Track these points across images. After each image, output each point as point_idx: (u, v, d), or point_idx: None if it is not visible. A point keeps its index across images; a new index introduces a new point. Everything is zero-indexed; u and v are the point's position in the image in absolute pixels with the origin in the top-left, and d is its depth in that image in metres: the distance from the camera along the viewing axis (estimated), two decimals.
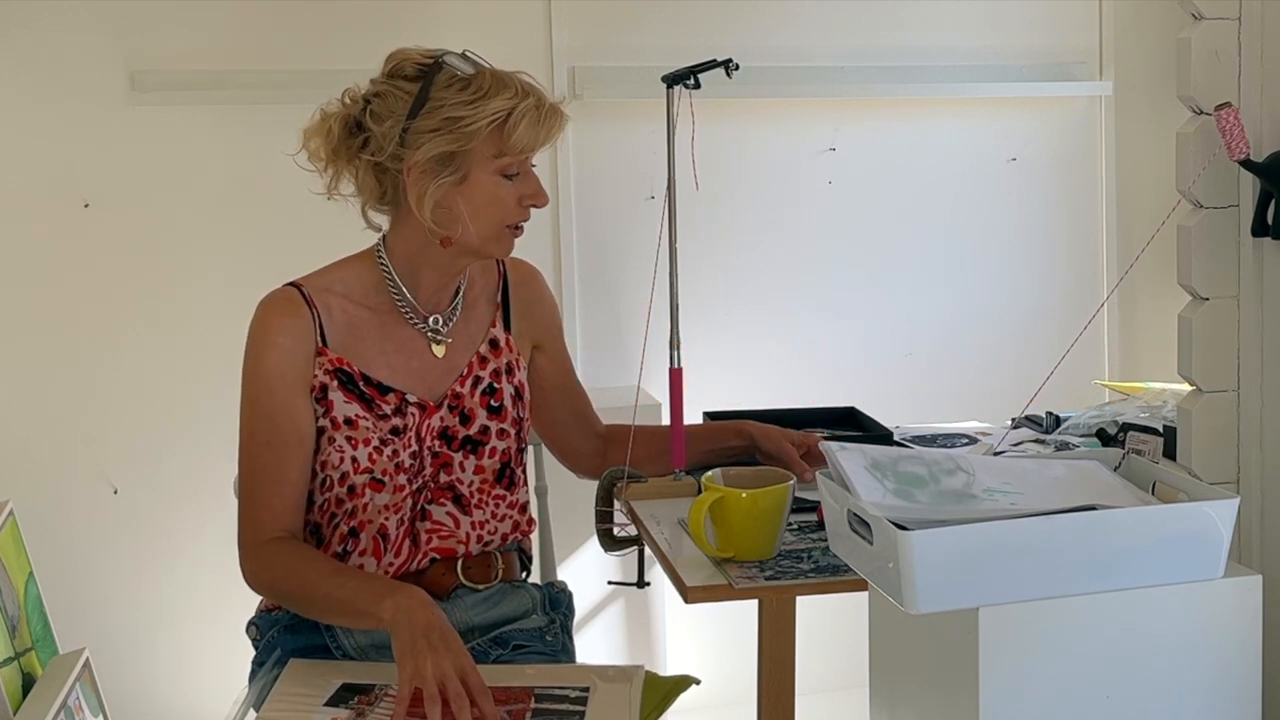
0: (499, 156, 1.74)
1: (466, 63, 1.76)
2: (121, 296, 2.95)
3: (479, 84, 1.74)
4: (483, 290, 1.92)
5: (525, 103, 1.74)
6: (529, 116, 1.73)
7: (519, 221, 1.80)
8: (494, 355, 1.89)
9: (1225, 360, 1.63)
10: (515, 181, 1.77)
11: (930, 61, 3.32)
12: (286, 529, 1.77)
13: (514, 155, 1.75)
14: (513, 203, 1.78)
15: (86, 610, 2.88)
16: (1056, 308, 3.41)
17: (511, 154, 1.74)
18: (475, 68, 1.76)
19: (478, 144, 1.73)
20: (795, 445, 1.95)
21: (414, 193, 1.75)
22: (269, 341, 1.77)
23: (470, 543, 1.85)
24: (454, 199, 1.76)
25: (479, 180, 1.75)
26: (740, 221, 3.26)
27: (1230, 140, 1.51)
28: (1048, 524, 1.29)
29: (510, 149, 1.73)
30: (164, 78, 2.91)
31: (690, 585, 1.61)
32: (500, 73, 1.77)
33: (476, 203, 1.76)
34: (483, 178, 1.75)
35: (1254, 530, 1.64)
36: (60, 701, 2.05)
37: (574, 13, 3.12)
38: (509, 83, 1.75)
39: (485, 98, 1.73)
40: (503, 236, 1.80)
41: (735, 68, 1.87)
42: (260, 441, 1.77)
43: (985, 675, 1.27)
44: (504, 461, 1.88)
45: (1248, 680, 1.33)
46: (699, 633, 3.17)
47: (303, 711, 1.62)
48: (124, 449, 2.97)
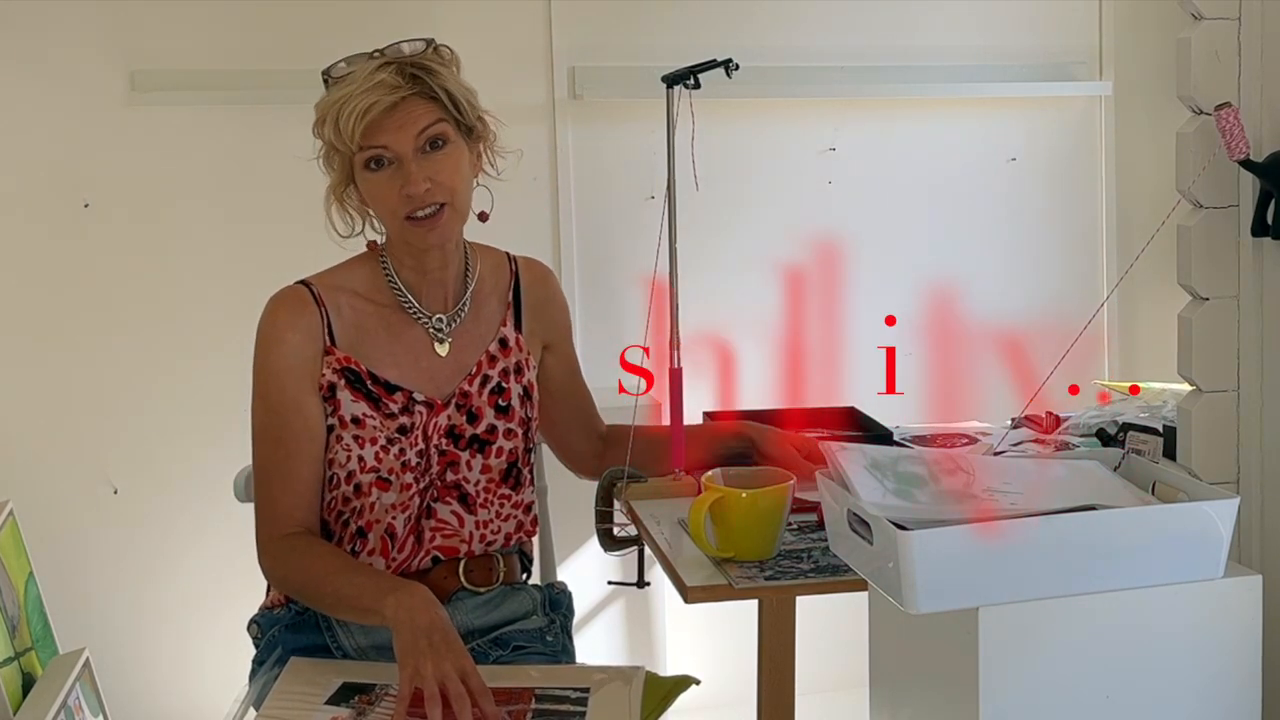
0: (359, 151, 1.73)
1: (344, 63, 1.76)
2: (121, 296, 2.94)
3: (336, 81, 1.75)
4: (493, 289, 1.92)
5: (339, 93, 1.72)
6: (343, 105, 1.71)
7: (409, 212, 1.74)
8: (503, 354, 1.89)
9: (1225, 360, 1.63)
10: (389, 173, 1.74)
11: (930, 61, 3.32)
12: (301, 524, 1.78)
13: (357, 146, 1.72)
14: (391, 194, 1.74)
15: (86, 610, 2.88)
16: (1056, 308, 3.41)
17: (354, 145, 1.72)
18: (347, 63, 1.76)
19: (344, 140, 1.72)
20: (797, 450, 1.95)
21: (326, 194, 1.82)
22: (278, 338, 1.78)
23: (473, 542, 1.85)
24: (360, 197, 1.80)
25: (358, 178, 1.77)
26: (740, 221, 3.26)
27: (1230, 140, 1.51)
28: (1048, 524, 1.29)
29: (350, 140, 1.72)
30: (164, 78, 2.91)
31: (690, 585, 1.61)
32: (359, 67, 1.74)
33: (368, 199, 1.78)
34: (358, 174, 1.77)
35: (1254, 530, 1.64)
36: (60, 701, 2.06)
37: (574, 13, 3.11)
38: (354, 76, 1.73)
39: (328, 93, 1.75)
40: (406, 229, 1.76)
41: (735, 68, 1.87)
42: (272, 439, 1.78)
43: (985, 675, 1.27)
44: (511, 461, 1.88)
45: (1248, 680, 1.33)
46: (699, 633, 3.17)
47: (304, 710, 1.62)
48: (124, 449, 2.96)
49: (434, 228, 1.76)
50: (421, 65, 1.75)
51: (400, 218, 1.75)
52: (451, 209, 1.76)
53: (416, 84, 1.74)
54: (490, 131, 1.83)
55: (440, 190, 1.74)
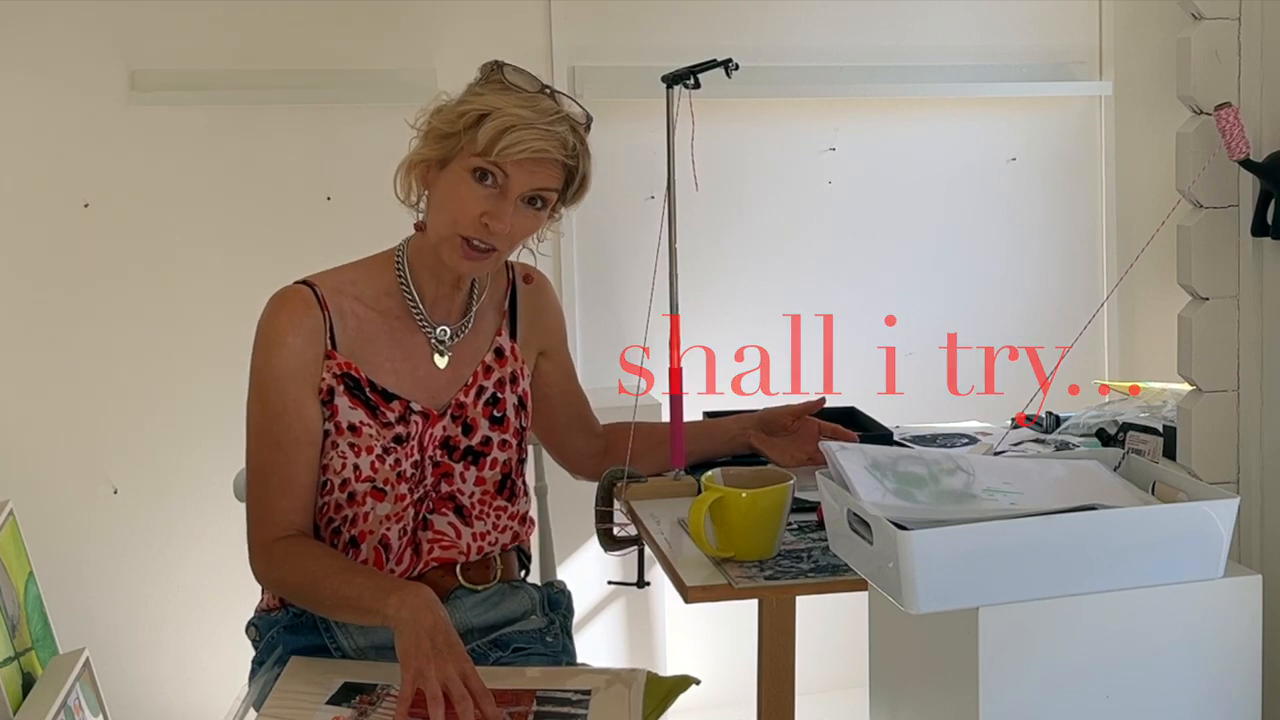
0: (477, 154, 1.72)
1: (520, 74, 1.75)
2: (121, 296, 2.95)
3: (512, 89, 1.74)
4: (491, 299, 1.91)
5: (519, 112, 1.71)
6: (516, 125, 1.70)
7: (472, 235, 1.73)
8: (499, 364, 1.88)
9: (1225, 360, 1.63)
10: (487, 192, 1.72)
11: (930, 61, 3.32)
12: (296, 527, 1.77)
13: (490, 158, 1.70)
14: (473, 209, 1.72)
15: (86, 610, 2.88)
16: (1056, 308, 3.41)
17: (488, 155, 1.70)
18: (525, 79, 1.75)
19: (467, 134, 1.72)
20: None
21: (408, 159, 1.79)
22: (280, 340, 1.76)
23: (471, 553, 1.85)
24: (433, 183, 1.77)
25: (453, 171, 1.74)
26: (740, 221, 3.26)
27: (1230, 140, 1.51)
28: (1048, 524, 1.29)
29: (488, 149, 1.70)
30: (164, 78, 2.91)
31: (690, 585, 1.61)
32: (543, 98, 1.74)
33: (442, 191, 1.76)
34: (456, 169, 1.74)
35: (1254, 530, 1.64)
36: (60, 701, 2.05)
37: (574, 13, 3.12)
38: (536, 102, 1.72)
39: (493, 94, 1.73)
40: (453, 243, 1.74)
41: (735, 68, 1.87)
42: (269, 441, 1.76)
43: (985, 675, 1.27)
44: (505, 473, 1.87)
45: (1248, 680, 1.33)
46: (699, 633, 3.17)
47: (304, 710, 1.62)
48: (124, 449, 2.97)
49: (478, 261, 1.76)
50: (583, 142, 1.78)
51: (458, 231, 1.74)
52: (498, 257, 1.78)
53: (573, 157, 1.75)
54: (560, 215, 1.85)
55: (508, 239, 1.76)
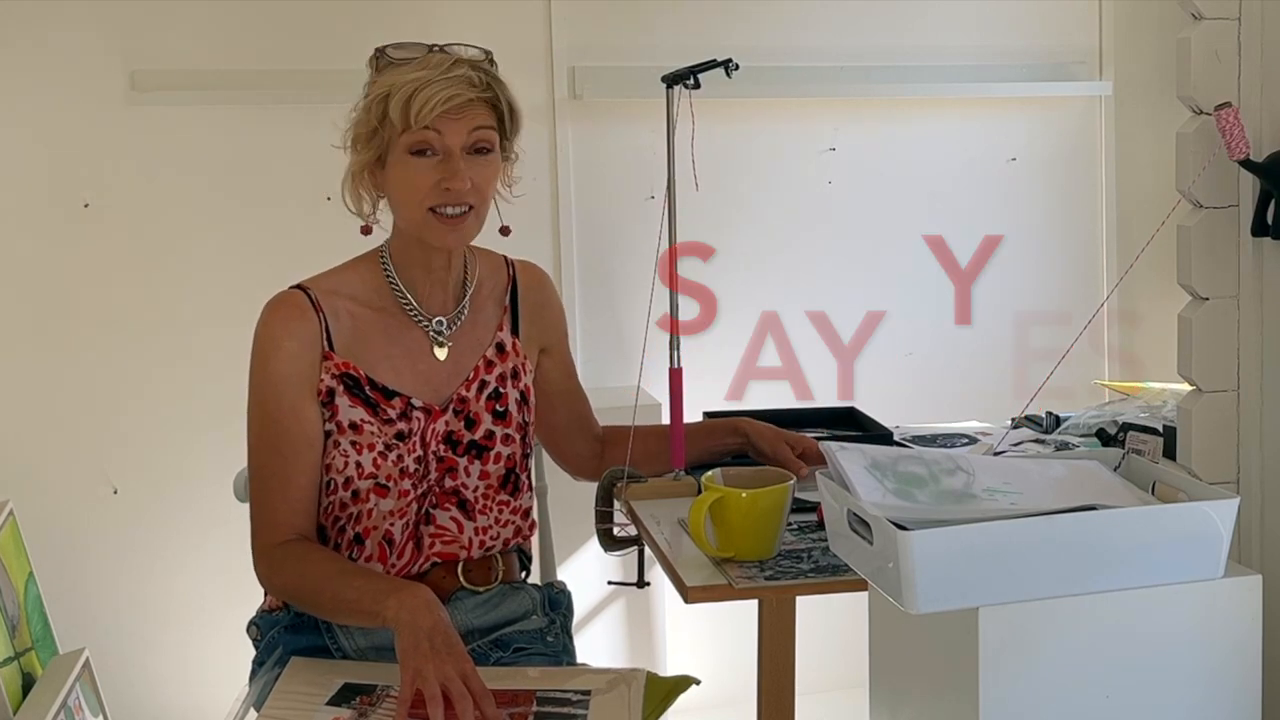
0: (402, 132, 1.73)
1: (403, 49, 1.76)
2: (121, 296, 2.95)
3: (400, 62, 1.75)
4: (490, 293, 1.91)
5: (415, 75, 1.72)
6: (418, 87, 1.70)
7: (438, 205, 1.74)
8: (500, 359, 1.88)
9: (1225, 360, 1.63)
10: (431, 162, 1.73)
11: (930, 61, 3.32)
12: (298, 531, 1.77)
13: (414, 130, 1.71)
14: (427, 184, 1.73)
15: (86, 610, 2.88)
16: (1056, 308, 3.41)
17: (411, 127, 1.71)
18: (408, 49, 1.76)
19: (384, 123, 1.73)
20: (791, 446, 1.95)
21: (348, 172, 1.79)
22: (276, 345, 1.76)
23: (473, 548, 1.85)
24: (383, 183, 1.78)
25: (393, 162, 1.75)
26: (740, 221, 3.26)
27: (1230, 140, 1.51)
28: (1048, 524, 1.29)
29: (406, 121, 1.71)
30: (164, 78, 2.91)
31: (690, 585, 1.61)
32: (433, 55, 1.75)
33: (394, 183, 1.76)
34: (396, 159, 1.75)
35: (1254, 530, 1.64)
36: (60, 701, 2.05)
37: (574, 13, 3.12)
38: (427, 61, 1.73)
39: (387, 75, 1.74)
40: (428, 221, 1.75)
41: (735, 68, 1.87)
42: (269, 446, 1.77)
43: (985, 675, 1.27)
44: (509, 467, 1.87)
45: (1247, 680, 1.33)
46: (699, 633, 3.17)
47: (305, 710, 1.62)
48: (124, 449, 2.97)
49: (457, 228, 1.76)
50: (492, 75, 1.78)
51: (425, 209, 1.75)
52: (476, 215, 1.78)
53: (488, 90, 1.76)
54: (515, 154, 1.85)
55: (475, 193, 1.76)
